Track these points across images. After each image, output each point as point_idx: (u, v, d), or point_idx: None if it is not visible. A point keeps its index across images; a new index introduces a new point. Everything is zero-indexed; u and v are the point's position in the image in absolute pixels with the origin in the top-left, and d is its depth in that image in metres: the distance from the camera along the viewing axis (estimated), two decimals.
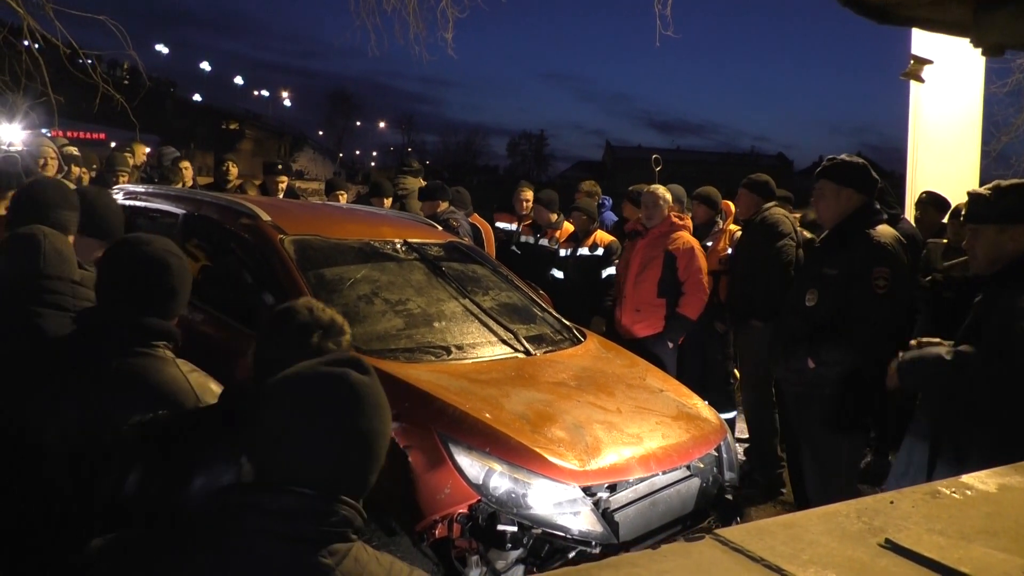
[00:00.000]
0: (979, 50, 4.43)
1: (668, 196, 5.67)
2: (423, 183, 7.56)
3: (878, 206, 3.73)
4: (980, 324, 2.85)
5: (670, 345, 5.46)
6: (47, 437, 1.85)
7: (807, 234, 5.40)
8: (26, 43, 5.37)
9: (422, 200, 6.81)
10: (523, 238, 7.08)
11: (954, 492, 1.65)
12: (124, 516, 1.63)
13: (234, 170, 7.92)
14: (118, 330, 1.96)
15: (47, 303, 2.21)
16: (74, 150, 7.01)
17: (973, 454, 2.69)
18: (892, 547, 1.35)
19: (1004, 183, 2.95)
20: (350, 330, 1.99)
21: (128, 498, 1.66)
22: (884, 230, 3.62)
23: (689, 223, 5.72)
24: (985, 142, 7.52)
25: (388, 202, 6.96)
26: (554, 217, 6.81)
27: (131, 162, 7.27)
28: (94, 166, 7.32)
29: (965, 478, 1.73)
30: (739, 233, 6.05)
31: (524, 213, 7.16)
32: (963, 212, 3.12)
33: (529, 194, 7.21)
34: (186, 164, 7.54)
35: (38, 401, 1.90)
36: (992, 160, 10.11)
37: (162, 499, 1.64)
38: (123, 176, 6.83)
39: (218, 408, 1.85)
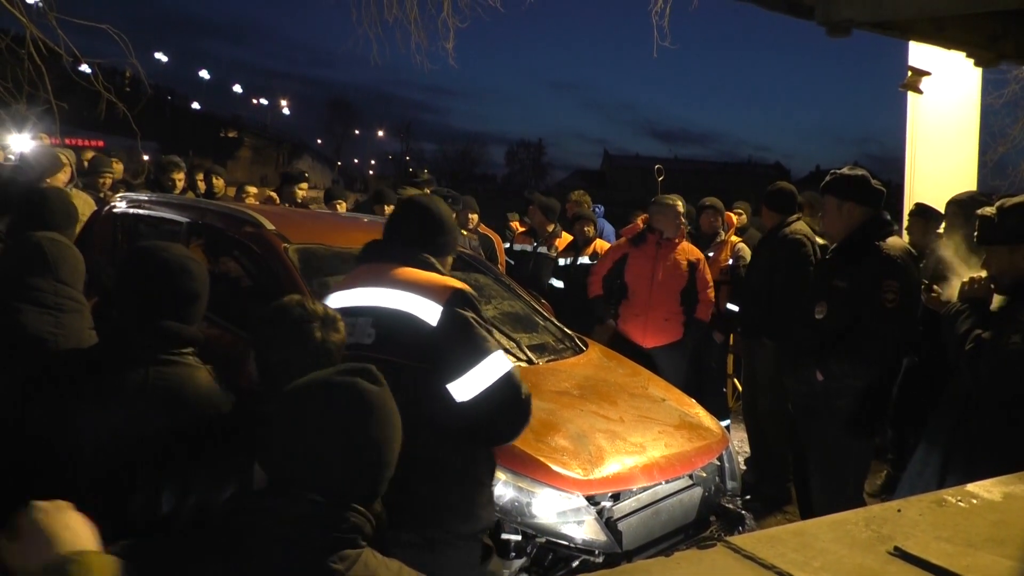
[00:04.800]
0: (825, 29, 4.26)
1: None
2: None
3: (888, 217, 3.72)
4: (1000, 335, 2.87)
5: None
6: (78, 450, 1.81)
7: (822, 241, 5.34)
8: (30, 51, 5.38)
9: None
10: (517, 246, 7.10)
11: (960, 501, 1.67)
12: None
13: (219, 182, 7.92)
14: (145, 337, 1.94)
15: (27, 299, 2.35)
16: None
17: (984, 462, 2.70)
18: (901, 555, 1.36)
19: (1008, 202, 2.95)
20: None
21: (165, 515, 1.66)
22: (894, 242, 3.58)
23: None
24: (982, 152, 7.56)
25: (389, 210, 6.94)
26: (551, 227, 6.84)
27: (117, 168, 7.15)
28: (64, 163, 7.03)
29: (971, 487, 1.74)
30: (741, 244, 6.08)
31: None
32: (976, 234, 3.08)
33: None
34: (179, 176, 7.31)
35: (69, 413, 1.86)
36: (989, 170, 10.14)
37: (197, 512, 1.64)
38: (107, 178, 6.71)
39: (236, 417, 1.85)
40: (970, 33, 4.45)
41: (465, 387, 2.18)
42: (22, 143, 5.38)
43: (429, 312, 2.22)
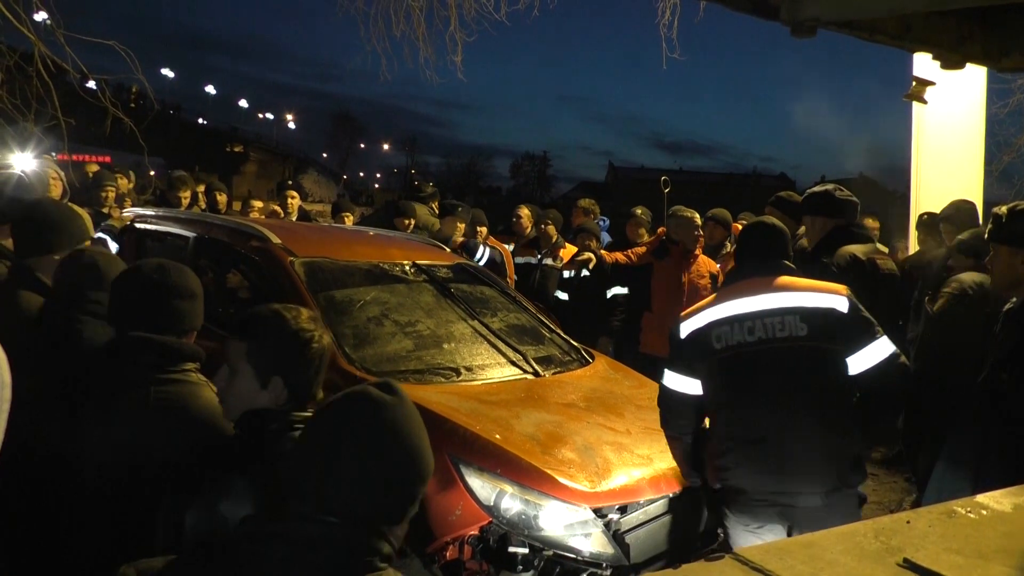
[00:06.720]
0: (789, 29, 4.21)
1: None
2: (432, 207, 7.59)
3: (857, 226, 3.80)
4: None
5: None
6: (82, 470, 1.80)
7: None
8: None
9: (440, 218, 6.82)
10: (519, 259, 7.10)
11: (969, 512, 1.66)
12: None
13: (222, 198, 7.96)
14: (144, 355, 1.93)
15: (87, 311, 2.40)
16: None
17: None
18: (910, 566, 1.35)
19: (1021, 205, 2.98)
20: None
21: (167, 538, 1.65)
22: (844, 252, 3.63)
23: None
24: (988, 161, 7.56)
25: (411, 223, 6.88)
26: (555, 237, 6.85)
27: (121, 183, 7.15)
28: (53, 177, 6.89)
29: (980, 498, 1.73)
30: None
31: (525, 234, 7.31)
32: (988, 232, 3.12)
33: (526, 211, 7.37)
34: (185, 194, 7.28)
35: (72, 432, 1.84)
36: (995, 179, 10.16)
37: (196, 536, 1.63)
38: (110, 191, 6.67)
39: (240, 436, 1.81)
40: (937, 34, 4.44)
41: (861, 360, 2.76)
42: (25, 161, 5.35)
43: (842, 304, 2.82)
